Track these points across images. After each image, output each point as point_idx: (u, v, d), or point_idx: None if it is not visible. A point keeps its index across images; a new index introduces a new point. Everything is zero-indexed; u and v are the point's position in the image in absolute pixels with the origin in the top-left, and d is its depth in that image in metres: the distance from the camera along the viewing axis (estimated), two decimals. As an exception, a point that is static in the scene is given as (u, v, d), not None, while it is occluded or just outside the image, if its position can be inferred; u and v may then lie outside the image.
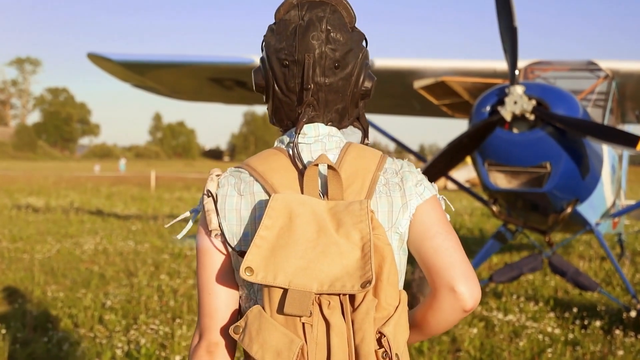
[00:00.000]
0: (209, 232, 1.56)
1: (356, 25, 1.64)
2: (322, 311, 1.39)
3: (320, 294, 1.39)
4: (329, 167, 1.50)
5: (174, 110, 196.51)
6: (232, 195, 1.56)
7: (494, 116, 5.61)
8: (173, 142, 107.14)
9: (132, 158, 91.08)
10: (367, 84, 1.63)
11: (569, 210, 6.00)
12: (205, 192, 1.57)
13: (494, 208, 6.22)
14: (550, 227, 6.40)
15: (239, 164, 1.62)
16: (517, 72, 5.59)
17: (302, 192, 1.52)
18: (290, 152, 1.58)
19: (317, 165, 1.52)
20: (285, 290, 1.38)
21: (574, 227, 6.74)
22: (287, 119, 1.64)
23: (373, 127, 7.69)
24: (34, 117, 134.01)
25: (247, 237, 1.53)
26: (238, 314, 1.58)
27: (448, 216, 1.61)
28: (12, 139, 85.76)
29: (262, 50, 1.64)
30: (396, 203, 1.55)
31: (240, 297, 1.57)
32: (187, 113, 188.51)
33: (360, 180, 1.54)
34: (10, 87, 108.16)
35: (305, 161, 1.57)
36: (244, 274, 1.39)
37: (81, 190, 25.10)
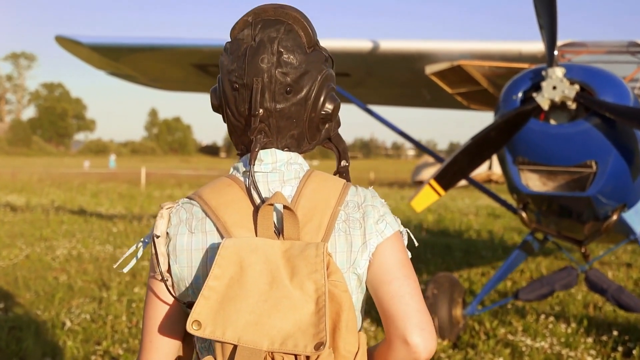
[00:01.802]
0: (156, 276, 1.50)
1: (317, 43, 1.55)
2: None
3: (271, 352, 1.33)
4: (285, 206, 1.43)
5: (170, 105, 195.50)
6: (182, 234, 1.49)
7: (528, 104, 4.63)
8: (169, 138, 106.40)
9: (127, 154, 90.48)
10: (328, 107, 1.53)
11: (614, 217, 5.02)
12: (153, 234, 1.50)
13: (524, 215, 5.23)
14: (589, 237, 5.42)
15: (192, 194, 1.54)
16: (556, 52, 4.61)
17: (256, 232, 1.45)
18: (246, 183, 1.51)
19: (271, 204, 1.44)
20: (236, 346, 1.33)
21: (614, 236, 5.75)
22: (241, 144, 1.57)
23: (377, 120, 6.71)
24: (29, 112, 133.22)
25: (198, 282, 1.46)
26: (192, 352, 1.56)
27: (409, 253, 1.53)
28: (7, 134, 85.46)
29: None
30: (355, 243, 1.48)
31: (195, 336, 1.50)
32: (183, 109, 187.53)
33: (318, 217, 1.46)
34: (5, 82, 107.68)
35: (261, 193, 1.49)
36: (190, 328, 1.32)
37: (67, 187, 24.05)
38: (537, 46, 6.12)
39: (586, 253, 5.75)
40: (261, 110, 1.48)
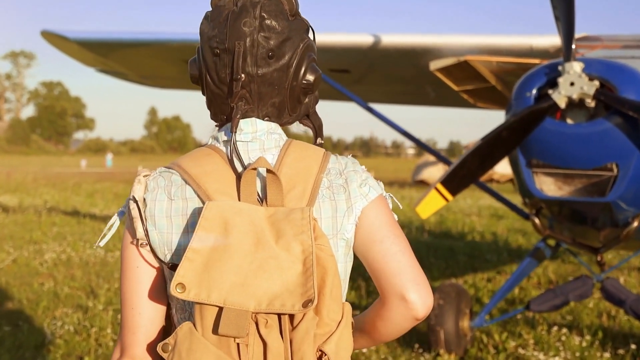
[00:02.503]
0: (134, 242, 1.45)
1: (299, 13, 1.53)
2: (259, 330, 1.31)
3: (257, 313, 1.30)
4: (268, 171, 1.41)
5: (170, 104, 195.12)
6: (161, 200, 1.45)
7: (543, 102, 4.27)
8: (168, 136, 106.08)
9: (126, 153, 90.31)
10: (309, 77, 1.52)
11: (635, 224, 4.65)
12: (131, 197, 1.46)
13: (537, 221, 4.87)
14: (606, 245, 5.05)
15: (170, 163, 1.51)
16: (573, 45, 4.25)
17: (239, 199, 1.42)
18: (227, 152, 1.48)
19: (255, 169, 1.42)
20: (220, 309, 1.30)
21: (632, 243, 5.38)
22: (220, 113, 1.54)
23: (379, 118, 6.35)
24: (28, 111, 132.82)
25: (180, 247, 1.43)
26: (171, 326, 1.48)
27: (395, 216, 1.52)
28: (6, 133, 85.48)
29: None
30: (340, 207, 1.46)
31: (174, 308, 1.47)
32: (182, 107, 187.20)
33: (302, 184, 1.45)
34: (4, 81, 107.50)
35: (243, 161, 1.46)
36: (174, 291, 1.29)
37: (62, 187, 23.64)
38: (549, 40, 5.76)
39: (602, 261, 5.39)
40: (243, 75, 1.45)
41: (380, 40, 6.25)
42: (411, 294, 1.41)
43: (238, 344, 1.30)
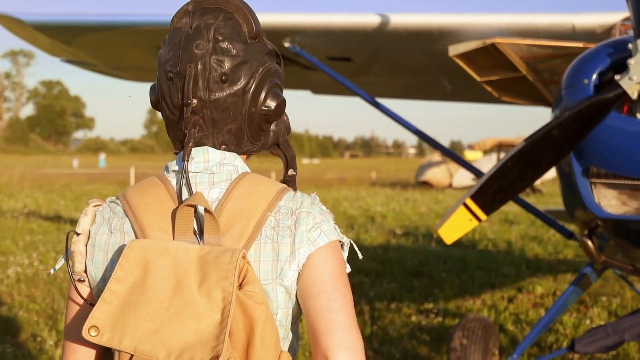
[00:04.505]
0: (74, 277, 1.44)
1: (261, 36, 1.48)
2: None
3: None
4: (205, 209, 1.36)
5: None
6: (102, 233, 1.43)
7: (607, 91, 3.25)
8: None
9: (126, 152, 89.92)
10: (270, 103, 1.46)
11: None
12: (74, 231, 1.44)
13: (589, 244, 3.82)
14: (675, 273, 4.03)
15: (120, 193, 1.50)
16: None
17: (174, 235, 1.38)
18: (175, 183, 1.45)
19: (190, 205, 1.37)
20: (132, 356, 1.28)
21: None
22: (176, 140, 1.49)
23: (389, 116, 5.33)
24: (27, 110, 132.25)
25: None
26: None
27: (348, 267, 1.43)
28: (5, 132, 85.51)
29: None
30: (283, 251, 1.37)
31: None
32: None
33: (243, 223, 1.37)
34: (4, 80, 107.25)
35: (185, 196, 1.42)
36: (87, 334, 1.27)
37: (49, 189, 22.58)
38: (595, 19, 4.73)
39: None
40: (195, 100, 1.41)
41: (388, 21, 5.22)
42: (337, 358, 1.31)
43: None
